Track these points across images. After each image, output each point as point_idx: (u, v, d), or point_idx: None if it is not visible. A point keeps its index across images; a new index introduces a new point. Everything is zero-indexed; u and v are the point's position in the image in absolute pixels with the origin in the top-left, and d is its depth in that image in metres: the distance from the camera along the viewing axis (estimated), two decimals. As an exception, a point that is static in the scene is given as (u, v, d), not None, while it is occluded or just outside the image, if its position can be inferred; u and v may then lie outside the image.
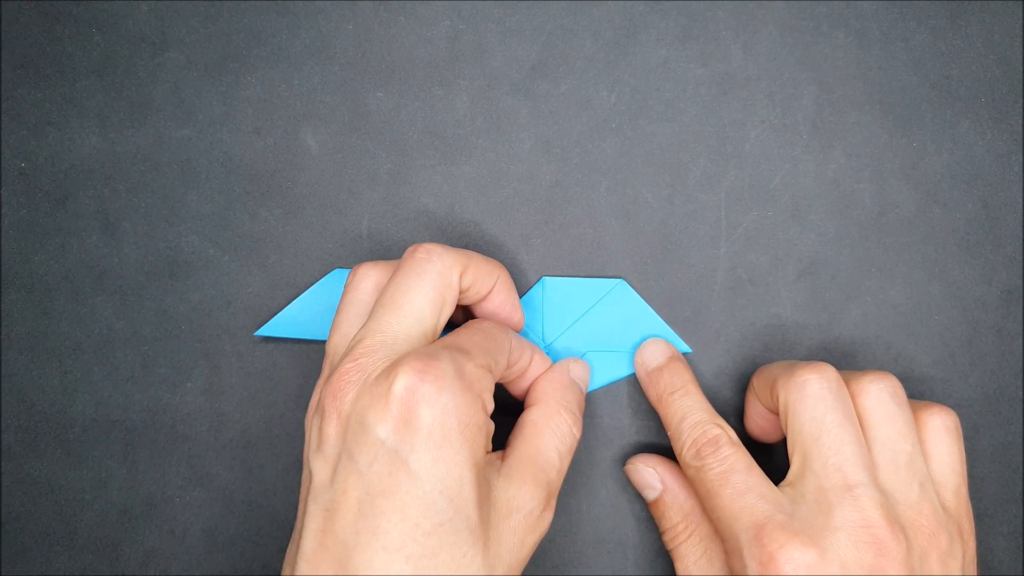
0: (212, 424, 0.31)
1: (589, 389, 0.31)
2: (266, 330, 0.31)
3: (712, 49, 0.32)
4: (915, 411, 0.27)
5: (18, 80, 0.32)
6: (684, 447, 0.27)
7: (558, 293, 0.31)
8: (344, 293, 0.28)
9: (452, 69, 0.32)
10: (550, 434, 0.27)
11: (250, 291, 0.32)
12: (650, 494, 0.29)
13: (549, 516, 0.25)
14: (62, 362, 0.32)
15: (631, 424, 0.32)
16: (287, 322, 0.31)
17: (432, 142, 0.32)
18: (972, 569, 0.26)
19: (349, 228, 0.32)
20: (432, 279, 0.26)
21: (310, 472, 0.24)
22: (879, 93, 0.32)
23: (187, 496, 0.31)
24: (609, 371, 0.31)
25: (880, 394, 0.26)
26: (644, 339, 0.31)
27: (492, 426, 0.25)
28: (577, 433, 0.27)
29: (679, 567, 0.28)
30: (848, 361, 0.31)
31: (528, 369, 0.28)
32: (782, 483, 0.26)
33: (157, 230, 0.32)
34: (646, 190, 0.32)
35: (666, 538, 0.29)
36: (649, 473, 0.29)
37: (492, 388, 0.25)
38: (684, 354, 0.31)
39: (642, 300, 0.31)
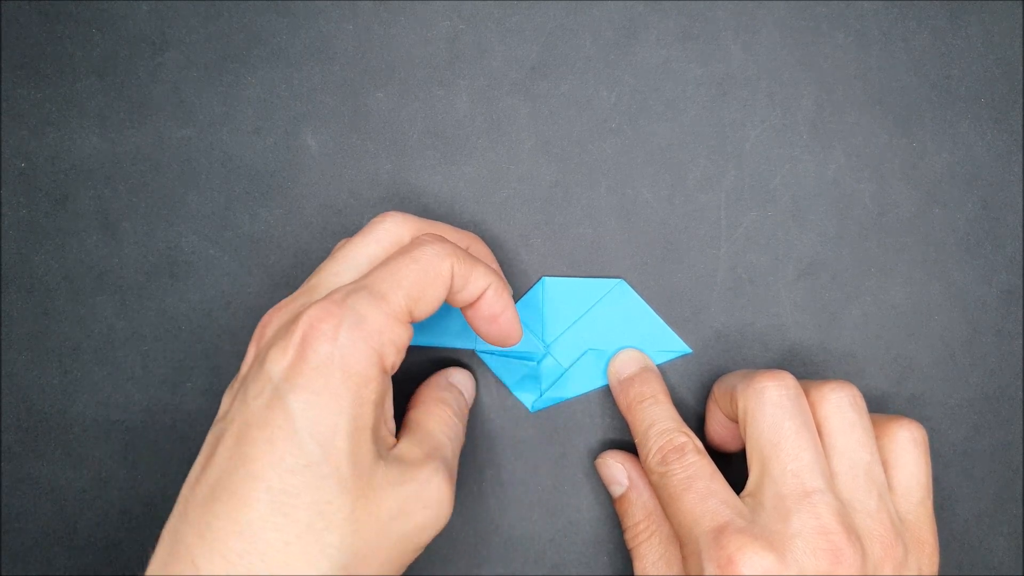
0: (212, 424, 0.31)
1: (590, 389, 0.31)
2: (266, 330, 0.31)
3: (712, 49, 0.32)
4: (884, 423, 0.27)
5: (18, 80, 0.32)
6: (650, 453, 0.27)
7: (558, 293, 0.31)
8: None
9: (452, 69, 0.32)
10: (434, 423, 0.27)
11: (250, 291, 0.32)
12: (616, 490, 0.30)
13: (449, 495, 0.24)
14: (62, 362, 0.32)
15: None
16: (287, 322, 0.31)
17: (432, 142, 0.32)
18: None
19: (349, 228, 0.32)
20: (378, 235, 0.26)
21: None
22: (879, 93, 0.32)
23: (187, 496, 0.31)
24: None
25: (840, 403, 0.26)
26: (642, 340, 0.31)
27: (387, 384, 0.24)
28: (459, 422, 0.27)
29: (637, 567, 0.28)
30: (848, 361, 0.31)
31: (481, 301, 0.26)
32: (742, 493, 0.26)
33: (157, 230, 0.32)
34: (646, 190, 0.32)
35: (627, 536, 0.29)
36: (617, 469, 0.30)
37: (403, 339, 0.24)
38: (684, 354, 0.31)
39: (642, 300, 0.31)
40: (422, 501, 0.24)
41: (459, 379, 0.30)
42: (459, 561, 0.31)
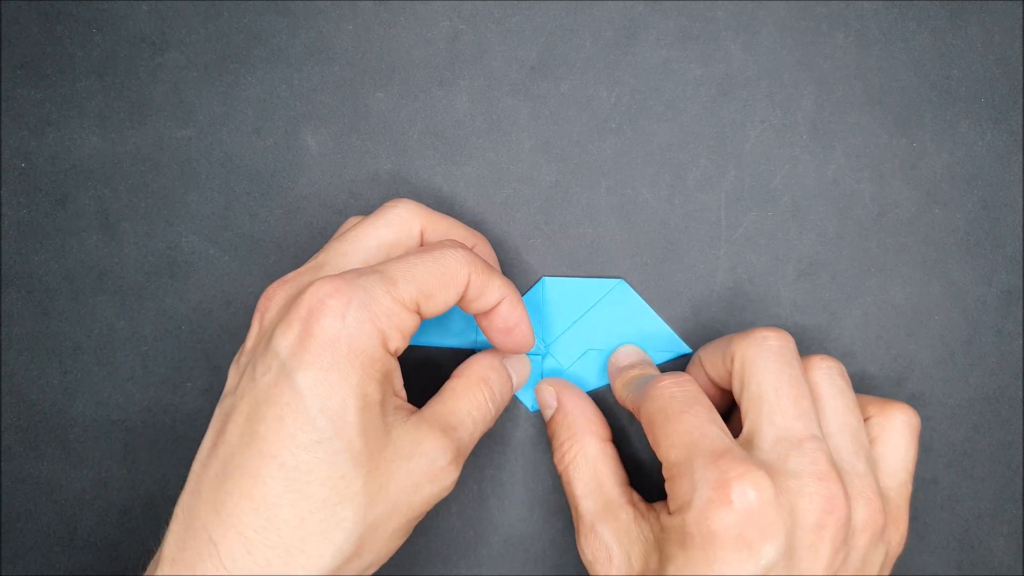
0: (212, 424, 0.31)
1: (590, 389, 0.31)
2: (266, 330, 0.31)
3: (712, 49, 0.32)
4: (881, 403, 0.27)
5: (18, 80, 0.32)
6: (649, 385, 0.26)
7: (558, 293, 0.31)
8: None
9: (452, 69, 0.32)
10: (465, 400, 0.26)
11: (250, 291, 0.32)
12: (547, 413, 0.30)
13: (454, 474, 0.25)
14: (62, 362, 0.32)
15: (631, 424, 0.32)
16: (287, 322, 0.31)
17: (432, 142, 0.32)
18: (888, 569, 0.26)
19: (349, 228, 0.32)
20: (389, 219, 0.26)
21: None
22: (879, 93, 0.32)
23: (187, 496, 0.31)
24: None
25: (829, 371, 0.27)
26: (642, 340, 0.31)
27: (393, 365, 0.24)
28: (492, 408, 0.27)
29: (568, 491, 0.28)
30: (848, 361, 0.31)
31: (495, 313, 0.26)
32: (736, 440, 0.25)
33: (157, 230, 0.32)
34: (646, 190, 0.32)
35: (555, 459, 0.29)
36: (547, 392, 0.30)
37: (408, 326, 0.24)
38: (684, 354, 0.31)
39: (642, 300, 0.31)
40: (429, 476, 0.24)
41: (513, 363, 0.29)
42: (459, 561, 0.31)
